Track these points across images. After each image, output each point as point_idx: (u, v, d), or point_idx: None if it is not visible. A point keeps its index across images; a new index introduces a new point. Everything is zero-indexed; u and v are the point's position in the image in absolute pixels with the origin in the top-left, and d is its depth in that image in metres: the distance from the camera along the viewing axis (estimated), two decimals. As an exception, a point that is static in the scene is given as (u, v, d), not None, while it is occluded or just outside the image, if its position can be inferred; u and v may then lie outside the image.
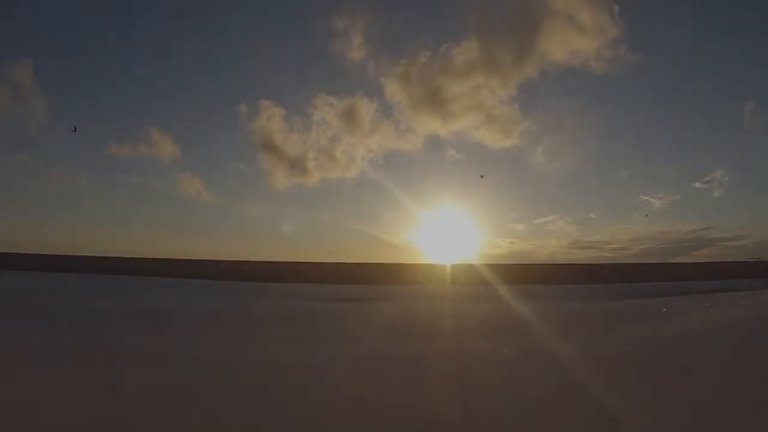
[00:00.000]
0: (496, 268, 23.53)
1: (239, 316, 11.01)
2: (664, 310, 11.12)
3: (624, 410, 3.96)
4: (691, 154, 44.10)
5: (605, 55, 35.71)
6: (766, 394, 4.40)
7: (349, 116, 39.78)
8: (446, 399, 4.35)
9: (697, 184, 40.04)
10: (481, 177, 35.42)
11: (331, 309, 12.82)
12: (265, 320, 10.21)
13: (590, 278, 23.13)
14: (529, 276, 23.27)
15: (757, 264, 26.29)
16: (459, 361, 6.17)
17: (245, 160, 49.36)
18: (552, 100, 43.96)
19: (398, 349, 6.66)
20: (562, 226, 43.80)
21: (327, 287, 20.22)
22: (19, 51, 45.80)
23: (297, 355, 6.26)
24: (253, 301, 14.11)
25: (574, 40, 36.86)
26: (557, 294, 17.46)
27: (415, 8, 46.26)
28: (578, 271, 24.77)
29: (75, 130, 33.36)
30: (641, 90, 42.19)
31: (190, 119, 46.96)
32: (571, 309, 12.30)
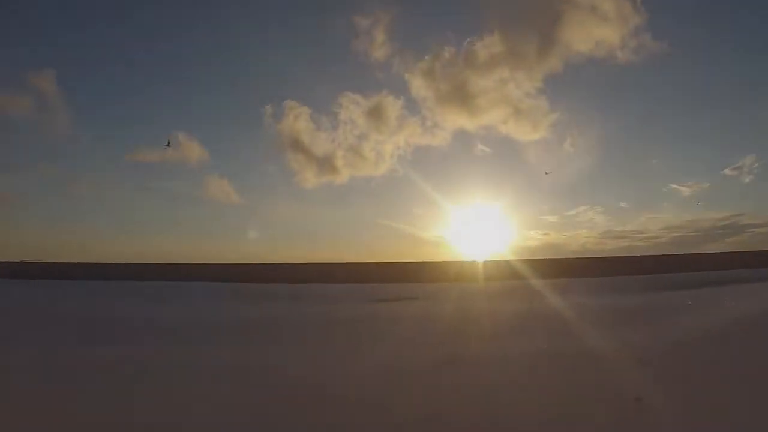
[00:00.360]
0: (530, 262, 23.64)
1: (306, 323, 10.98)
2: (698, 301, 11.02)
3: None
4: (720, 141, 43.20)
5: (630, 45, 35.07)
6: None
7: (376, 114, 39.70)
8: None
9: (727, 171, 39.26)
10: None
11: (391, 308, 12.98)
12: (333, 326, 10.25)
13: (625, 269, 23.06)
14: (564, 269, 23.27)
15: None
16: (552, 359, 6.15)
17: (273, 160, 49.72)
18: (579, 91, 43.41)
19: (463, 351, 6.73)
20: (593, 217, 43.28)
21: (362, 287, 20.40)
22: (41, 61, 46.63)
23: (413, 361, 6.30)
24: (301, 306, 14.29)
25: (597, 31, 36.24)
26: (595, 287, 17.41)
27: (437, 4, 45.96)
28: (612, 263, 24.76)
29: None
30: (668, 78, 41.33)
31: (215, 122, 47.44)
32: (616, 303, 12.24)
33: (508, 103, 37.18)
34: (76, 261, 27.68)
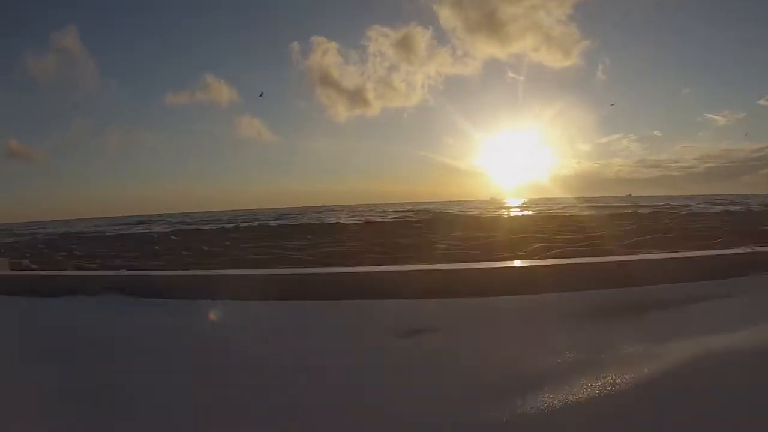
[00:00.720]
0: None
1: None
2: None
3: None
4: (756, 70, 39.35)
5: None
6: None
7: (405, 45, 37.32)
8: None
9: (762, 102, 35.84)
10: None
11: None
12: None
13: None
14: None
15: None
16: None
17: (303, 96, 48.13)
18: (610, 18, 39.36)
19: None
20: (627, 145, 41.20)
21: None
22: (62, 20, 44.50)
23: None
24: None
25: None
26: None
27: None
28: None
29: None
30: (705, 5, 36.78)
31: (243, 62, 45.46)
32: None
33: (538, 30, 34.16)
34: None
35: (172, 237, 16.92)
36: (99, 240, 17.94)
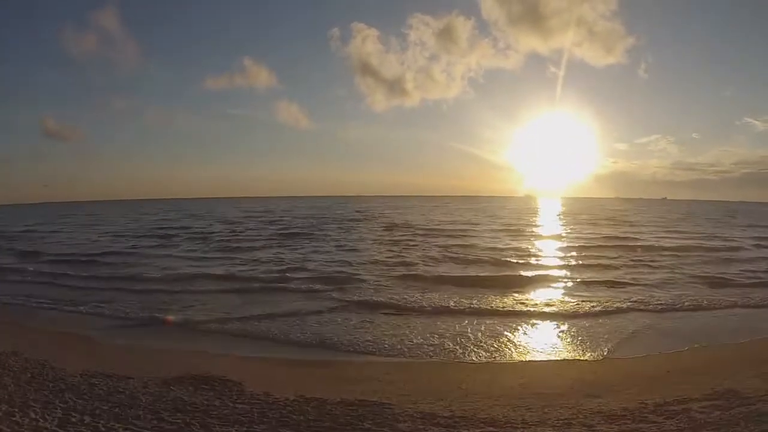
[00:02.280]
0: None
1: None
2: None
3: None
4: None
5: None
6: None
7: (446, 35, 39.00)
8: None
9: None
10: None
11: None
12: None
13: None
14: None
15: None
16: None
17: (342, 84, 51.05)
18: (656, 15, 39.28)
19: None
20: (665, 146, 41.16)
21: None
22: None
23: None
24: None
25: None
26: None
27: None
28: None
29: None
30: (749, 5, 35.96)
31: (283, 47, 48.56)
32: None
33: (582, 25, 34.97)
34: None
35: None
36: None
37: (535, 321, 7.79)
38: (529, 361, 6.04)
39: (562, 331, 7.17)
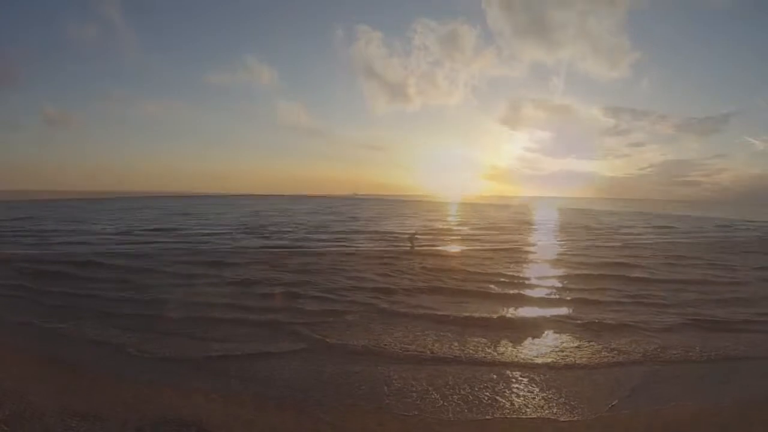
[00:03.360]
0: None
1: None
2: None
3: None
4: None
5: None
6: None
7: (451, 41, 38.29)
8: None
9: None
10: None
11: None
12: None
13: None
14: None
15: None
16: None
17: (344, 85, 49.73)
18: (662, 30, 38.64)
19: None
20: (663, 158, 40.04)
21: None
22: None
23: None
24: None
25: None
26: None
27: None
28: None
29: None
30: (760, 24, 35.49)
31: (286, 45, 47.20)
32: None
33: (587, 38, 34.40)
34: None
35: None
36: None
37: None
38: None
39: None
